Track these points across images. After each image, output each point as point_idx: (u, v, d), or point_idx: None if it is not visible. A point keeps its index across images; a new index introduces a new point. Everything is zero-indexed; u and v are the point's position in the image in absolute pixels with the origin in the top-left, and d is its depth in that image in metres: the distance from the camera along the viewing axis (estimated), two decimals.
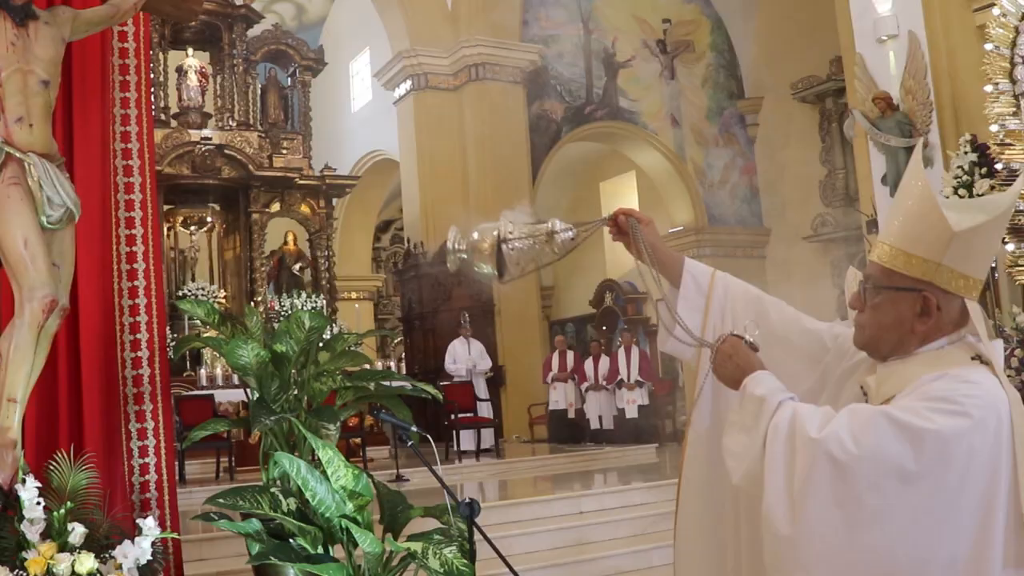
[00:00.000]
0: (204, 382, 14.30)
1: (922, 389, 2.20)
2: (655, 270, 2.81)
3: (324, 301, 16.12)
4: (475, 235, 2.76)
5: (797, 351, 2.72)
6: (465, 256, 2.78)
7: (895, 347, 2.35)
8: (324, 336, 4.84)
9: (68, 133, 4.65)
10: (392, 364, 15.52)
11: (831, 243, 20.70)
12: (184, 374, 14.56)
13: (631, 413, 15.99)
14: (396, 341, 22.66)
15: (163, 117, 15.39)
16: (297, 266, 16.90)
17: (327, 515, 3.89)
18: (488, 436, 14.74)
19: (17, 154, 3.82)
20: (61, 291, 3.88)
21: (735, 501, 2.66)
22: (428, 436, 3.92)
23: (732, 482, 2.39)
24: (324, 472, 3.87)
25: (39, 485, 3.75)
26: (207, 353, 14.97)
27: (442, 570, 3.73)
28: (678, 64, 22.02)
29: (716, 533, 2.78)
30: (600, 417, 16.32)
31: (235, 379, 14.19)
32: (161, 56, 15.56)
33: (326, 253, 16.73)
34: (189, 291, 15.59)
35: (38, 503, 3.70)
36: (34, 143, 3.87)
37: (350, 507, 3.86)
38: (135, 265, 5.01)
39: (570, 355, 17.26)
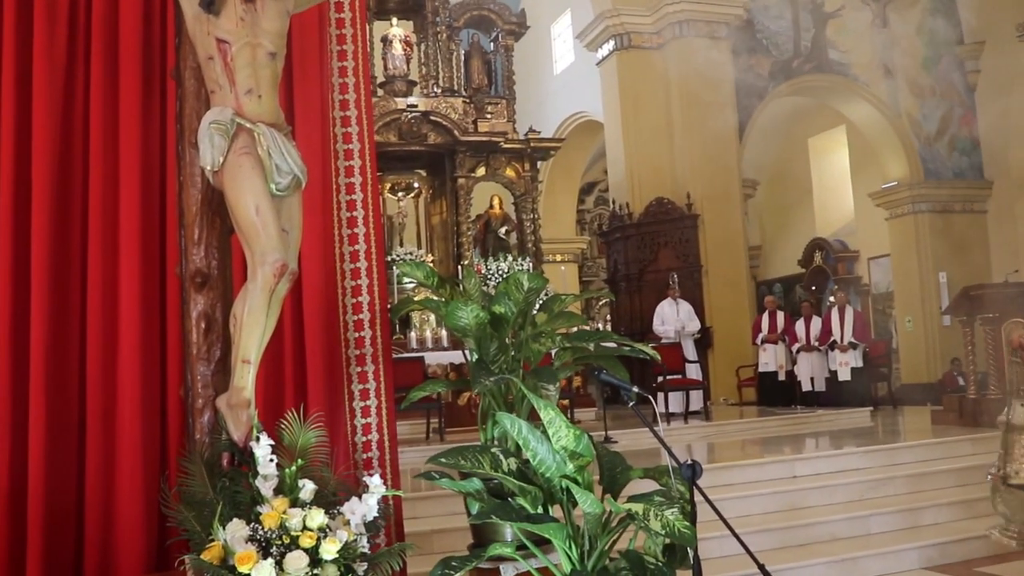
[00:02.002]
0: (414, 345, 14.64)
1: None
2: None
3: (530, 264, 16.24)
4: None
5: None
6: None
7: None
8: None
9: (289, 103, 4.79)
10: (599, 326, 15.54)
11: None
12: (394, 337, 14.92)
13: (844, 375, 15.58)
14: (601, 303, 22.68)
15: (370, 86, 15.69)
16: (503, 230, 17.02)
17: (548, 475, 3.90)
18: (696, 398, 14.62)
19: (247, 124, 3.95)
20: (290, 256, 3.99)
21: None
22: (649, 397, 3.89)
23: None
24: (545, 432, 3.88)
25: (272, 443, 3.88)
26: (416, 317, 15.31)
27: (663, 532, 3.69)
28: (890, 11, 21.14)
29: None
30: (812, 379, 15.95)
31: (444, 342, 14.49)
32: (367, 26, 15.82)
33: (531, 216, 16.81)
34: (398, 256, 15.93)
35: (271, 460, 3.83)
36: (263, 113, 4.00)
37: (571, 467, 3.86)
38: (355, 230, 5.13)
39: (780, 316, 16.90)
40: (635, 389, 3.80)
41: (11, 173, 4.55)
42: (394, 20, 16.54)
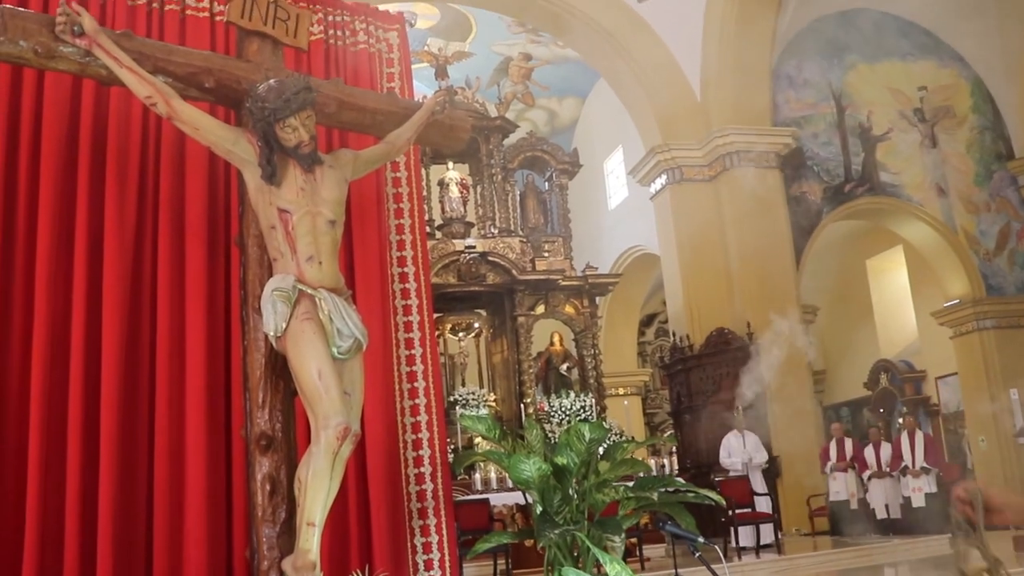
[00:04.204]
0: (479, 486, 14.52)
1: None
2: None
3: (592, 400, 16.16)
4: None
5: None
6: None
7: None
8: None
9: (350, 265, 4.91)
10: (664, 461, 15.33)
11: None
12: (459, 478, 14.81)
13: (918, 501, 15.19)
14: (666, 435, 22.46)
15: (428, 229, 15.90)
16: (564, 366, 17.00)
17: None
18: (767, 531, 14.32)
19: (309, 291, 4.05)
20: (352, 418, 4.05)
21: None
22: (715, 547, 3.85)
23: None
24: None
25: None
26: None
27: None
28: (939, 131, 21.21)
29: None
30: (886, 507, 15.59)
31: (508, 483, 14.36)
32: (423, 171, 16.17)
33: (592, 352, 16.80)
34: (460, 396, 15.92)
35: None
36: (323, 279, 4.10)
37: None
38: (416, 384, 5.19)
39: (848, 442, 16.61)
40: (700, 539, 3.77)
41: (81, 337, 4.68)
42: (450, 164, 16.86)
